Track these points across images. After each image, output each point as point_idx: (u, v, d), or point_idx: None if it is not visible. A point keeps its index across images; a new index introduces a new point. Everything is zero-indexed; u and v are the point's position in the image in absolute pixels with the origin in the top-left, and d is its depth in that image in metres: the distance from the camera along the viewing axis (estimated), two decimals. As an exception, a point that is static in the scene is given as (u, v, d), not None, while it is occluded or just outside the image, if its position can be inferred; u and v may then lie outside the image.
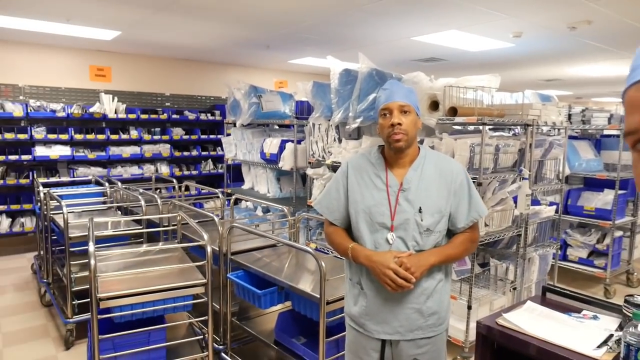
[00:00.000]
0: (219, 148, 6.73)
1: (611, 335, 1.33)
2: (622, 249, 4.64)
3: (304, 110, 4.50)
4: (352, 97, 3.29)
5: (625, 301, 1.35)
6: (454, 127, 3.46)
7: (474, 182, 2.93)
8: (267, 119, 4.76)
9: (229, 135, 5.48)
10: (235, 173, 5.66)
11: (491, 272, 3.38)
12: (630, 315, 1.24)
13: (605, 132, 4.98)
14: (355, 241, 1.72)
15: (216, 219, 2.82)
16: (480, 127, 2.82)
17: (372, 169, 1.71)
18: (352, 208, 1.71)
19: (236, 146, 5.28)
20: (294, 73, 8.37)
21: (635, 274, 4.67)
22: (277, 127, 5.51)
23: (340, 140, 3.68)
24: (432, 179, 1.66)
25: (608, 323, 1.43)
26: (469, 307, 2.91)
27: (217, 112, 6.85)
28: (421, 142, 3.12)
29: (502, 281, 3.32)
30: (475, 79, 3.11)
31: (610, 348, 1.27)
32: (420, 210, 1.62)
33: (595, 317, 1.48)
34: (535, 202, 3.51)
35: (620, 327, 1.38)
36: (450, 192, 1.65)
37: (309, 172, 3.87)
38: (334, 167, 3.73)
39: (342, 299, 2.14)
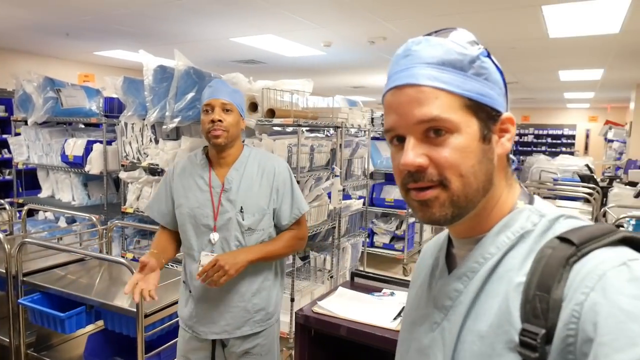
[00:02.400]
0: (6, 150, 5.65)
1: (403, 308, 1.56)
2: (414, 233, 5.49)
3: (114, 108, 4.09)
4: (168, 96, 3.12)
5: (413, 277, 1.60)
6: (273, 128, 3.59)
7: (292, 180, 3.08)
8: (69, 116, 4.18)
9: (18, 134, 4.62)
10: (29, 179, 4.82)
11: (311, 264, 3.62)
12: (417, 288, 1.46)
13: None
14: (184, 243, 1.72)
15: (1, 235, 2.36)
16: (297, 128, 2.99)
17: (197, 170, 1.70)
18: (178, 211, 1.70)
19: (29, 147, 4.49)
20: (102, 66, 7.55)
21: (425, 252, 5.58)
22: (82, 126, 4.88)
23: (157, 141, 3.45)
24: (254, 178, 1.69)
25: (402, 297, 1.67)
26: (292, 300, 3.06)
27: (2, 108, 5.75)
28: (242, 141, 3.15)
29: (320, 271, 3.59)
30: (291, 82, 3.28)
31: (403, 318, 1.49)
32: (241, 210, 1.64)
33: (392, 294, 1.71)
34: (346, 196, 3.89)
35: (411, 300, 1.62)
36: (272, 190, 1.70)
37: (123, 175, 3.54)
38: (150, 170, 3.49)
39: (164, 309, 2.03)
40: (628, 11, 3.84)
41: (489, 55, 0.63)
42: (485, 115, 0.61)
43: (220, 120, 1.60)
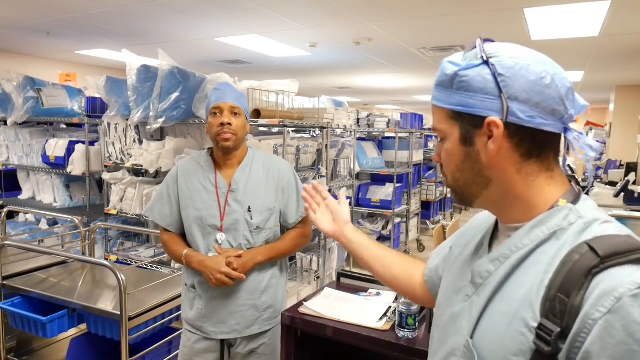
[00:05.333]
0: (-15, 151, 5.50)
1: (389, 308, 1.57)
2: (400, 233, 5.52)
3: (97, 108, 4.03)
4: (152, 96, 3.09)
5: (399, 277, 1.61)
6: (259, 128, 3.57)
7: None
8: (50, 116, 4.10)
9: (-3, 135, 4.52)
10: (9, 181, 4.72)
11: (297, 265, 3.61)
12: (402, 288, 1.47)
13: (386, 134, 5.85)
14: (189, 246, 1.71)
15: (-20, 238, 2.31)
16: (282, 129, 2.99)
17: (202, 171, 1.72)
18: (184, 213, 1.70)
19: (8, 148, 4.40)
20: (84, 66, 7.44)
21: (410, 252, 5.62)
22: (64, 127, 4.80)
23: (141, 142, 3.41)
24: (260, 178, 1.72)
25: (388, 297, 1.68)
26: (279, 301, 3.05)
27: (-20, 107, 5.59)
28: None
29: (307, 272, 3.59)
30: (276, 83, 3.27)
31: (389, 318, 1.50)
32: (249, 210, 1.67)
33: (378, 294, 1.72)
34: (333, 197, 3.89)
35: (396, 299, 1.63)
36: (278, 190, 1.73)
37: (106, 176, 3.49)
38: (134, 171, 3.45)
39: (148, 311, 2.01)
40: (607, 15, 3.93)
41: (486, 62, 0.67)
42: (467, 122, 0.69)
43: (229, 124, 1.63)
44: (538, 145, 0.67)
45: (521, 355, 0.60)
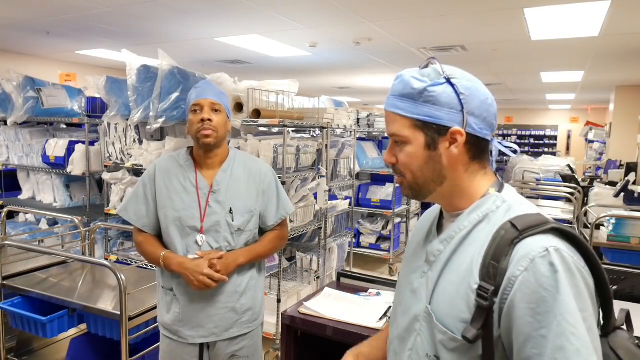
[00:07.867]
0: (-15, 151, 5.49)
1: (389, 308, 1.57)
2: (400, 233, 5.52)
3: (97, 108, 4.03)
4: (152, 96, 3.09)
5: (399, 277, 1.61)
6: (259, 128, 3.57)
7: (278, 181, 3.08)
8: (51, 116, 4.11)
9: (-3, 135, 4.52)
10: (9, 181, 4.72)
11: (297, 265, 3.61)
12: (402, 288, 1.47)
13: (386, 134, 5.85)
14: (166, 247, 1.66)
15: (-20, 238, 2.31)
16: (282, 129, 2.99)
17: (181, 171, 1.67)
18: (162, 213, 1.65)
19: (8, 148, 4.40)
20: (84, 66, 7.44)
21: (410, 252, 5.61)
22: (64, 127, 4.80)
23: (141, 142, 3.41)
24: (241, 180, 1.70)
25: (388, 297, 1.68)
26: (279, 301, 3.06)
27: (-20, 107, 5.58)
28: (227, 143, 3.13)
29: (307, 272, 3.59)
30: (276, 83, 3.27)
31: (389, 318, 1.49)
32: (231, 211, 1.64)
33: (378, 294, 1.72)
34: (333, 197, 3.89)
35: (396, 299, 1.63)
36: (259, 192, 1.72)
37: (106, 176, 3.49)
38: (134, 171, 3.45)
39: (148, 311, 2.01)
40: (607, 15, 3.93)
41: (449, 82, 0.82)
42: (432, 130, 0.83)
43: (210, 120, 1.61)
44: (481, 149, 0.85)
45: (467, 312, 0.77)
